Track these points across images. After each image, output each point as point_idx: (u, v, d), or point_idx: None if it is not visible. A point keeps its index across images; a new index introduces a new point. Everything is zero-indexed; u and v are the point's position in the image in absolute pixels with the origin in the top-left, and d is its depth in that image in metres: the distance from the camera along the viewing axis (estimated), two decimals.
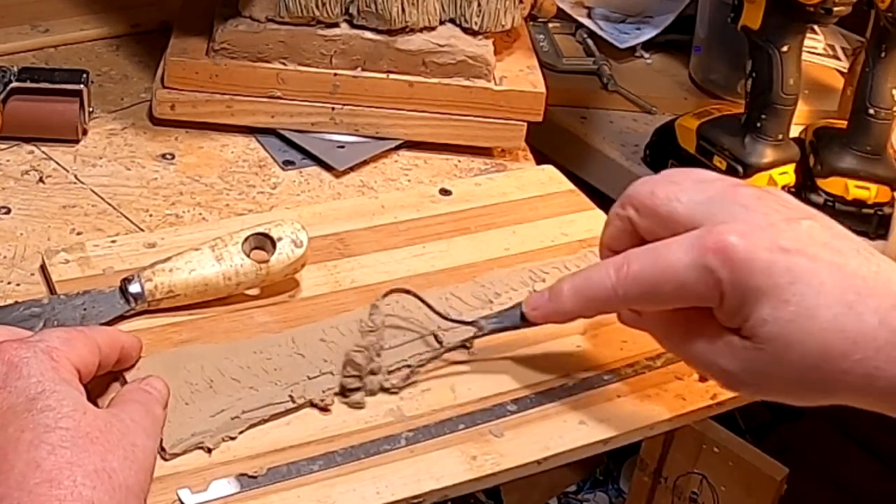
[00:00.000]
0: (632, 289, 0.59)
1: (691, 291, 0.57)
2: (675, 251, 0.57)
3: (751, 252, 0.55)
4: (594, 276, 0.61)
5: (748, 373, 0.57)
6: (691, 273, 0.56)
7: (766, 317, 0.55)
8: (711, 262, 0.56)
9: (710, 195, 0.59)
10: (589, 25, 1.35)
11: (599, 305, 0.62)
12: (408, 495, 0.61)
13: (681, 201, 0.59)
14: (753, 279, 0.55)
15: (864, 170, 1.05)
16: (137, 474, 0.53)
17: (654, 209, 0.60)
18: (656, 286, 0.58)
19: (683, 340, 0.60)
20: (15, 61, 0.95)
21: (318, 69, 0.90)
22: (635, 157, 1.18)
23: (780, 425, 1.61)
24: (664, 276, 0.57)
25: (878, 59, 1.02)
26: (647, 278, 0.58)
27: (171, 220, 0.82)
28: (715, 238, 0.56)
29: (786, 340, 0.55)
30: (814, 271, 0.55)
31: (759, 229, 0.56)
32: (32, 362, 0.55)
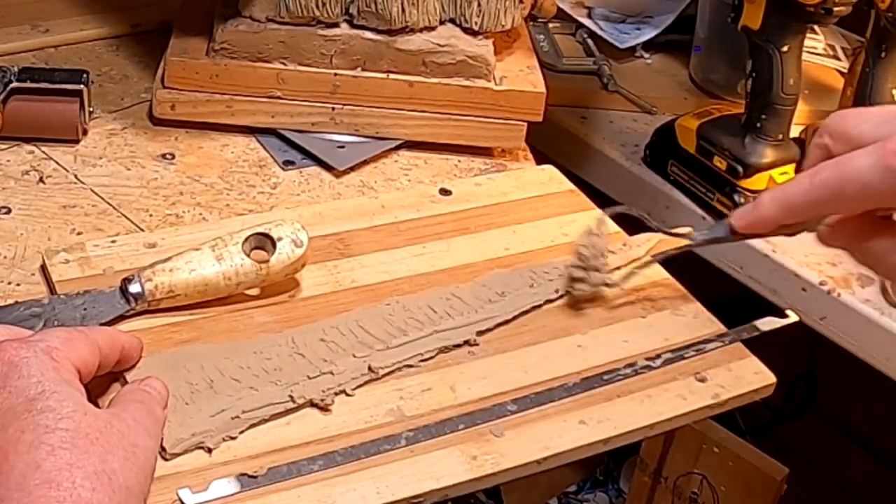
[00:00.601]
0: (823, 192, 0.63)
1: (874, 191, 0.60)
2: (859, 156, 0.61)
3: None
4: (791, 186, 0.65)
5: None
6: (874, 174, 0.60)
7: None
8: (891, 162, 0.59)
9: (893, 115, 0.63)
10: (589, 25, 1.35)
11: (796, 210, 0.65)
12: (408, 495, 0.61)
13: (868, 122, 0.63)
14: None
15: None
16: (138, 475, 0.53)
17: (845, 132, 0.64)
18: (843, 188, 0.61)
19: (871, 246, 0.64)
20: (15, 61, 0.95)
21: (319, 69, 0.90)
22: (635, 157, 1.18)
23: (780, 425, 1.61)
24: (850, 178, 0.61)
25: (878, 59, 1.02)
26: (835, 181, 0.62)
27: (172, 220, 0.82)
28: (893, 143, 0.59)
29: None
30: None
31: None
32: (33, 362, 0.55)
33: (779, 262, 1.06)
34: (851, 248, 0.67)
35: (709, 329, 0.76)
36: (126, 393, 0.60)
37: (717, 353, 0.74)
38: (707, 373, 0.72)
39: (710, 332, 0.75)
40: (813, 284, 1.04)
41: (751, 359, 0.74)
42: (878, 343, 1.01)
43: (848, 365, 1.06)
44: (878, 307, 1.01)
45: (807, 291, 1.04)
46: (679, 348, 0.73)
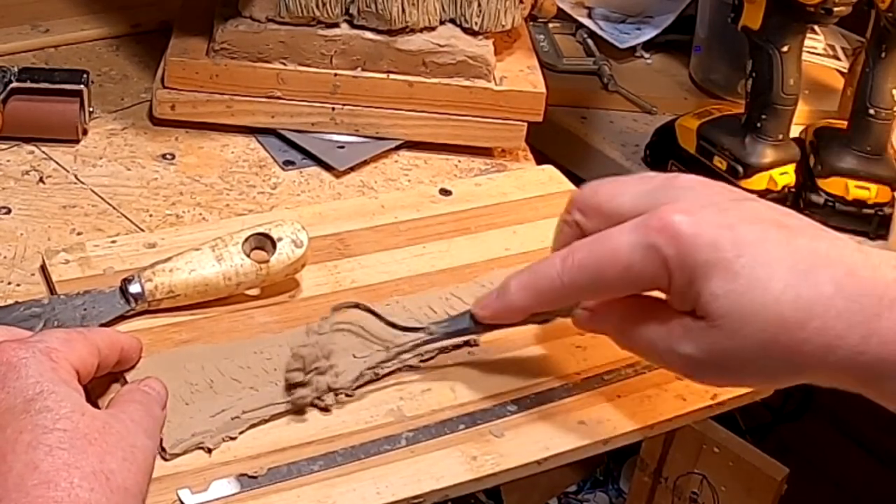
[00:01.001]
0: (578, 276, 0.58)
1: (638, 273, 0.56)
2: (619, 234, 0.56)
3: (696, 228, 0.54)
4: (541, 269, 0.60)
5: (708, 354, 0.56)
6: (636, 254, 0.55)
7: (716, 291, 0.54)
8: (656, 240, 0.55)
9: (652, 186, 0.59)
10: (589, 25, 1.35)
11: (547, 298, 0.61)
12: (408, 495, 0.61)
13: (625, 194, 0.59)
14: (700, 254, 0.54)
15: (865, 170, 1.05)
16: (136, 475, 0.53)
17: (598, 207, 0.60)
18: (601, 271, 0.57)
19: (638, 333, 0.59)
20: (15, 61, 0.95)
21: (319, 69, 0.90)
22: (635, 158, 1.18)
23: (780, 425, 1.61)
24: (609, 260, 0.57)
25: (879, 60, 1.02)
26: (592, 263, 0.57)
27: (172, 221, 0.82)
28: (659, 217, 0.55)
29: (740, 314, 0.54)
30: (762, 244, 0.54)
31: (704, 207, 0.56)
32: (31, 363, 0.54)
33: None
34: (615, 335, 0.61)
35: None
36: (125, 393, 0.60)
37: None
38: None
39: None
40: None
41: None
42: None
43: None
44: None
45: None
46: None
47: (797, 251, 0.54)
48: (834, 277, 0.53)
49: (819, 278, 0.53)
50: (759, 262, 0.54)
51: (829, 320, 0.53)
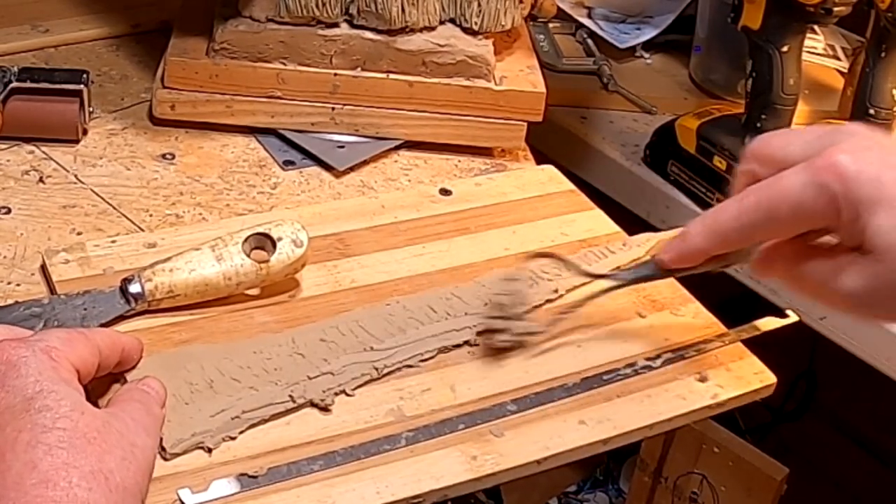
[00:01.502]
0: (753, 215, 0.60)
1: (809, 210, 0.58)
2: (789, 176, 0.59)
3: (860, 165, 0.56)
4: (719, 212, 0.63)
5: (871, 289, 0.58)
6: (807, 192, 0.58)
7: (882, 224, 0.56)
8: (824, 178, 0.57)
9: (820, 133, 0.61)
10: (589, 25, 1.35)
11: (726, 238, 0.63)
12: (408, 495, 0.61)
13: (794, 143, 0.61)
14: (865, 189, 0.56)
15: None
16: (136, 475, 0.53)
17: (771, 155, 0.62)
18: (775, 209, 0.59)
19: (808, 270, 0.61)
20: (15, 61, 0.95)
21: (318, 69, 0.90)
22: (635, 157, 1.18)
23: (780, 425, 1.61)
24: (781, 199, 0.59)
25: (878, 59, 1.02)
26: (766, 203, 0.60)
27: (172, 220, 0.82)
28: (825, 158, 0.57)
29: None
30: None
31: (867, 149, 0.58)
32: (31, 361, 0.54)
33: None
34: (787, 276, 0.64)
35: (709, 329, 0.76)
36: (124, 392, 0.60)
37: (717, 353, 0.74)
38: (707, 373, 0.72)
39: (710, 332, 0.75)
40: None
41: (751, 359, 0.74)
42: (878, 343, 1.01)
43: (848, 365, 1.06)
44: None
45: None
46: (679, 348, 0.73)
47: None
48: None
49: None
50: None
51: None
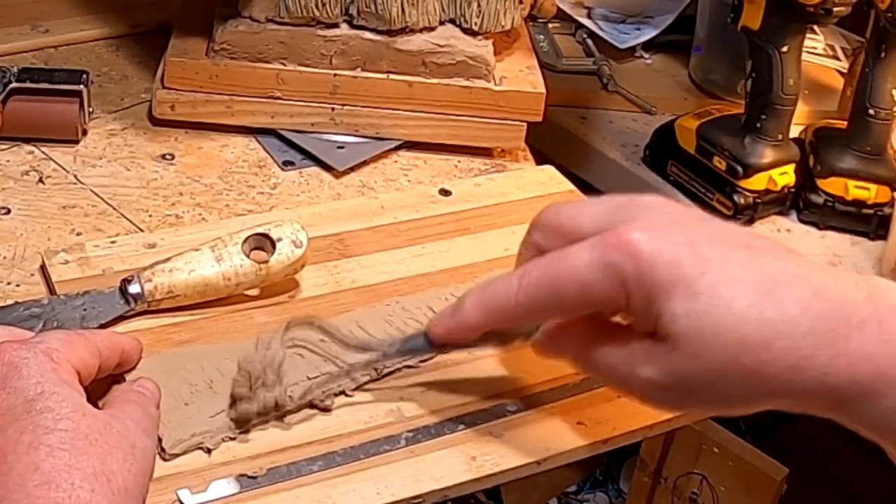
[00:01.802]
0: (534, 294, 0.56)
1: (595, 292, 0.54)
2: (576, 252, 0.55)
3: (655, 244, 0.52)
4: (496, 287, 0.58)
5: (669, 378, 0.54)
6: (594, 272, 0.53)
7: (677, 310, 0.52)
8: (614, 258, 0.53)
9: (613, 205, 0.57)
10: (589, 26, 1.35)
11: (502, 316, 0.59)
12: (408, 495, 0.61)
13: (585, 215, 0.57)
14: (660, 272, 0.52)
15: (864, 170, 1.05)
16: (137, 476, 0.53)
17: (559, 227, 0.58)
18: (558, 289, 0.55)
19: (599, 356, 0.57)
20: (15, 61, 0.95)
21: (318, 69, 0.90)
22: (635, 158, 1.18)
23: (780, 425, 1.61)
24: (566, 278, 0.55)
25: (878, 60, 1.02)
26: (548, 281, 0.55)
27: (171, 221, 0.82)
28: (616, 235, 0.53)
29: (701, 334, 0.52)
30: (725, 262, 0.52)
31: (665, 225, 0.54)
32: (32, 363, 0.54)
33: None
34: (576, 359, 0.59)
35: None
36: (120, 394, 0.60)
37: None
38: None
39: None
40: None
41: None
42: None
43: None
44: None
45: None
46: None
47: (761, 270, 0.52)
48: (799, 297, 0.52)
49: (784, 297, 0.52)
50: (722, 281, 0.52)
51: (795, 340, 0.51)
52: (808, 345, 0.51)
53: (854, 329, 0.51)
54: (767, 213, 1.08)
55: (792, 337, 0.51)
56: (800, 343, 0.51)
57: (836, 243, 1.07)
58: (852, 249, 1.06)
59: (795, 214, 1.09)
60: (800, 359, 0.51)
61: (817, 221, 1.08)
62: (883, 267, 1.02)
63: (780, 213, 1.09)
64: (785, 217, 1.09)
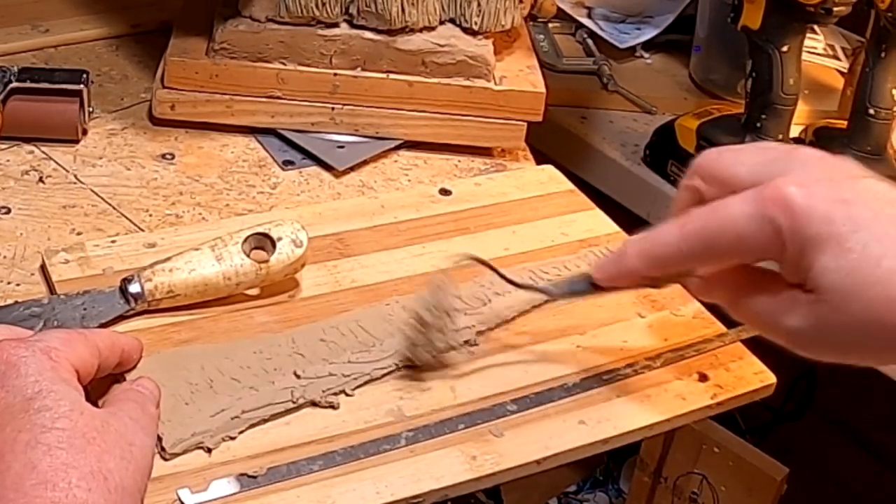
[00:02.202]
0: (694, 243, 0.58)
1: (752, 243, 0.56)
2: (734, 204, 0.56)
3: (810, 200, 0.54)
4: (659, 235, 0.60)
5: (814, 328, 0.55)
6: (752, 224, 0.55)
7: (828, 265, 0.53)
8: (770, 211, 0.54)
9: (771, 157, 0.58)
10: (589, 25, 1.35)
11: (663, 263, 0.60)
12: (408, 495, 0.61)
13: (743, 164, 0.58)
14: (813, 226, 0.54)
15: None
16: (134, 475, 0.53)
17: (718, 174, 0.59)
18: (717, 239, 0.57)
19: (748, 303, 0.59)
20: (15, 61, 0.95)
21: (318, 69, 0.90)
22: (635, 157, 1.18)
23: (780, 425, 1.61)
24: (724, 228, 0.56)
25: (878, 59, 1.02)
26: (708, 231, 0.57)
27: (171, 220, 0.82)
28: (773, 189, 0.55)
29: (849, 289, 0.53)
30: (876, 221, 0.54)
31: (819, 182, 0.55)
32: (31, 361, 0.54)
33: None
34: (728, 304, 0.61)
35: (709, 329, 0.75)
36: (119, 392, 0.60)
37: (717, 353, 0.74)
38: (707, 373, 0.72)
39: (710, 332, 0.75)
40: None
41: (751, 359, 0.74)
42: None
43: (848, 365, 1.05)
44: None
45: None
46: (679, 348, 0.73)
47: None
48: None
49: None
50: (873, 239, 0.53)
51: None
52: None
53: None
54: None
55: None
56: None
57: None
58: None
59: None
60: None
61: None
62: None
63: None
64: None
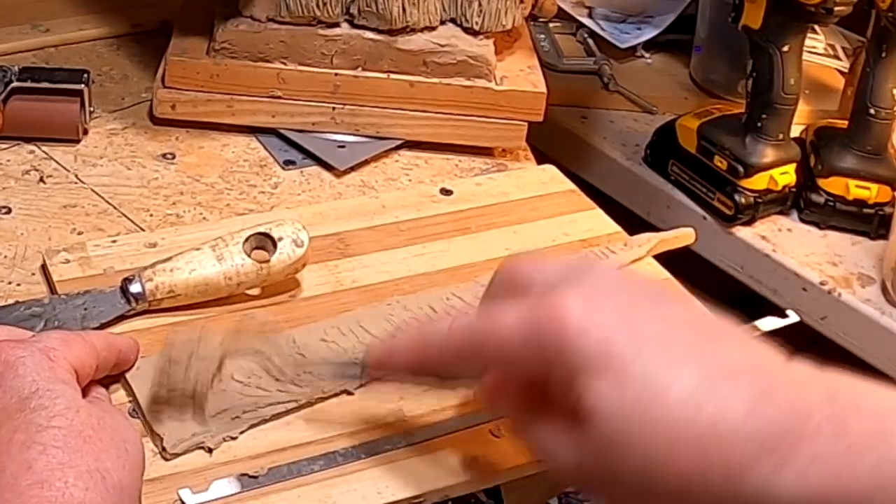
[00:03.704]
0: (459, 340, 0.53)
1: (514, 354, 0.50)
2: (509, 307, 0.50)
3: (588, 316, 0.47)
4: (431, 326, 0.57)
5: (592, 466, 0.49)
6: (516, 334, 0.49)
7: (602, 393, 0.46)
8: (541, 325, 0.48)
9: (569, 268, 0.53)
10: (590, 25, 1.35)
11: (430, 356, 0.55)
12: (408, 495, 0.61)
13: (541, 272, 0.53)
14: (588, 349, 0.47)
15: (865, 170, 1.05)
16: (131, 472, 0.53)
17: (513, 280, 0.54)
18: (483, 340, 0.52)
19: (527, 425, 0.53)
20: (15, 61, 0.95)
21: (319, 69, 0.90)
22: (636, 157, 1.18)
23: None
24: (491, 332, 0.51)
25: (879, 59, 1.02)
26: (476, 330, 0.52)
27: (172, 220, 0.82)
28: (550, 300, 0.48)
29: (629, 425, 0.46)
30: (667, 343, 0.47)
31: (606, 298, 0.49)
32: (28, 362, 0.54)
33: (779, 262, 1.06)
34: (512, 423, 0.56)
35: None
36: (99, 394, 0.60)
37: None
38: None
39: None
40: (813, 284, 1.04)
41: None
42: (879, 343, 1.01)
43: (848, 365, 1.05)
44: (878, 307, 1.01)
45: (807, 291, 1.04)
46: None
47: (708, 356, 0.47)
48: (748, 392, 0.46)
49: (729, 392, 0.45)
50: (660, 367, 0.46)
51: (737, 443, 0.45)
52: (752, 450, 0.45)
53: (808, 434, 0.45)
54: (768, 213, 1.08)
55: (733, 439, 0.45)
56: (742, 447, 0.45)
57: (836, 243, 1.07)
58: (853, 249, 1.06)
59: (796, 214, 1.09)
60: (740, 465, 0.45)
61: (818, 221, 1.08)
62: (883, 267, 1.02)
63: (781, 212, 1.09)
64: (786, 217, 1.09)
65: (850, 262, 1.05)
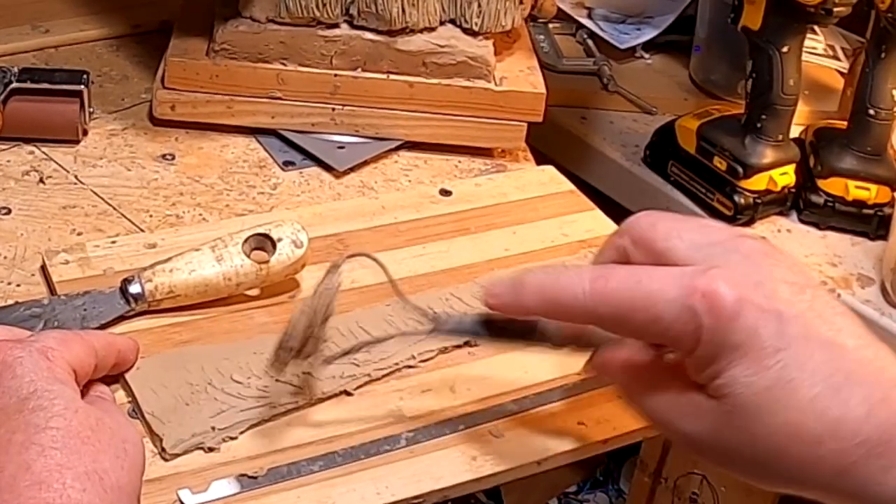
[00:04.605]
0: (603, 305, 0.53)
1: (666, 328, 0.51)
2: (661, 280, 0.51)
3: (741, 305, 0.50)
4: (565, 280, 0.54)
5: (710, 439, 0.52)
6: (672, 308, 0.50)
7: (740, 378, 0.50)
8: (696, 303, 0.50)
9: (713, 239, 0.54)
10: (589, 26, 1.35)
11: (562, 311, 0.55)
12: (408, 496, 0.61)
13: (681, 239, 0.54)
14: (736, 335, 0.50)
15: (865, 170, 1.05)
16: (130, 473, 0.53)
17: (651, 242, 0.55)
18: (631, 311, 0.52)
19: (646, 393, 0.55)
20: (15, 62, 0.95)
21: (319, 70, 0.90)
22: (635, 158, 1.18)
23: None
24: (642, 303, 0.51)
25: (878, 60, 1.02)
26: (623, 299, 0.52)
27: (172, 221, 0.82)
28: (706, 280, 0.50)
29: (756, 409, 0.50)
30: (805, 342, 0.50)
31: (757, 285, 0.51)
32: (27, 362, 0.54)
33: None
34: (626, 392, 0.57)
35: None
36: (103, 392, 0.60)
37: None
38: None
39: None
40: None
41: None
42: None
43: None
44: (878, 307, 1.01)
45: None
46: None
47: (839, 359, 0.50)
48: (868, 398, 0.49)
49: (851, 396, 0.49)
50: (796, 362, 0.50)
51: (850, 444, 0.49)
52: (863, 452, 0.49)
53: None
54: (768, 214, 1.08)
55: (848, 440, 0.49)
56: (854, 448, 0.49)
57: (836, 243, 1.07)
58: (852, 250, 1.06)
59: (796, 215, 1.09)
60: (849, 464, 0.49)
61: (817, 222, 1.08)
62: (883, 267, 1.02)
63: (781, 213, 1.09)
64: (785, 217, 1.09)
65: (849, 262, 1.05)
